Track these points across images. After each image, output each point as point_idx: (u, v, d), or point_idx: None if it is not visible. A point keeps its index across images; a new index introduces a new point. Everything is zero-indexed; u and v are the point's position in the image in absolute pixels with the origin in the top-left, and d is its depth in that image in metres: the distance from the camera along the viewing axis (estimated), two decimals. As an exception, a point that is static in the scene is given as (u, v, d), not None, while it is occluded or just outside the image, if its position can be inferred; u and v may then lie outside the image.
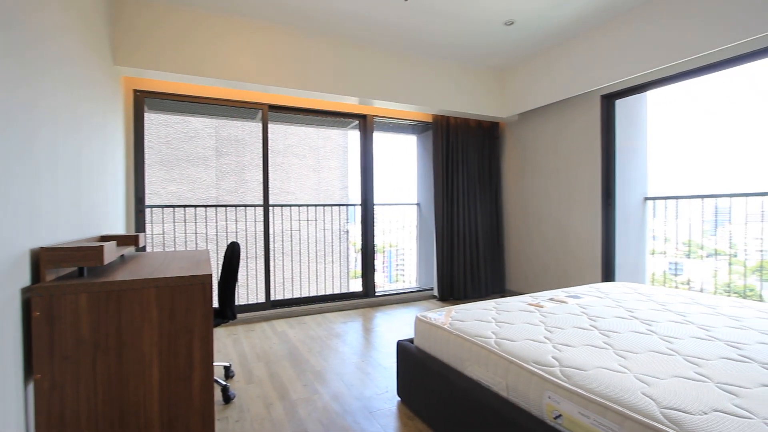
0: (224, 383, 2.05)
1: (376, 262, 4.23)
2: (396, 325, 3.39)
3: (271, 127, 7.43)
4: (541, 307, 1.97)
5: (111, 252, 1.44)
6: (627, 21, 3.05)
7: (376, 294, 4.18)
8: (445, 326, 1.75)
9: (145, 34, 2.80)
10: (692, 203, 3.46)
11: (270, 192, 7.82)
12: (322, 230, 7.53)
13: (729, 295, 3.30)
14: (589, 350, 1.40)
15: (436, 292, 4.31)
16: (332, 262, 7.75)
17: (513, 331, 1.61)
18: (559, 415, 1.19)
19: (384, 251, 7.42)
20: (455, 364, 1.63)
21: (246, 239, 4.81)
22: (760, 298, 3.30)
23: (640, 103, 3.63)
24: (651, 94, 3.58)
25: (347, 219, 7.87)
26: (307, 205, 4.72)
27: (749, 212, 3.14)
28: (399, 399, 2.01)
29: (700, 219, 3.49)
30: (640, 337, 1.52)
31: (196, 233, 6.14)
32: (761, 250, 3.22)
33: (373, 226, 4.15)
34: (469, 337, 1.61)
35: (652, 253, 3.76)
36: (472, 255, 4.38)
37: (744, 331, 1.55)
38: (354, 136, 8.66)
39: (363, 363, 2.53)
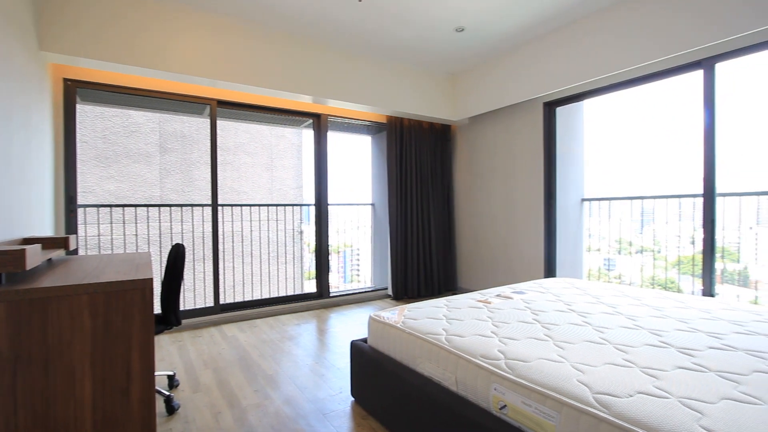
0: (167, 393, 1.94)
1: (331, 263, 4.20)
2: (351, 326, 3.38)
3: (220, 123, 7.13)
4: (489, 303, 2.06)
5: (35, 255, 1.31)
6: (567, 34, 3.27)
7: (331, 295, 4.15)
8: (398, 325, 1.78)
9: (75, 17, 2.57)
10: (623, 204, 3.78)
11: (220, 191, 7.47)
12: (276, 231, 7.34)
13: (653, 288, 3.65)
14: (531, 343, 1.48)
15: (390, 292, 4.36)
16: (286, 263, 7.58)
17: (462, 328, 1.67)
18: (504, 406, 1.25)
19: (339, 251, 7.39)
20: (408, 362, 1.67)
21: (193, 241, 4.57)
22: (679, 290, 3.66)
23: (578, 111, 3.90)
24: (587, 103, 3.86)
25: (301, 219, 7.73)
26: (260, 205, 4.57)
27: (669, 213, 3.50)
28: (353, 399, 2.02)
29: (630, 219, 3.82)
30: (576, 328, 1.63)
31: (136, 235, 5.75)
32: (678, 247, 3.58)
33: (327, 226, 4.12)
34: (421, 334, 1.65)
35: (588, 250, 4.06)
36: (425, 254, 4.48)
37: (664, 320, 1.72)
38: (308, 135, 8.53)
39: (317, 365, 2.50)
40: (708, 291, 2.68)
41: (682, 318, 1.75)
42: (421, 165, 4.49)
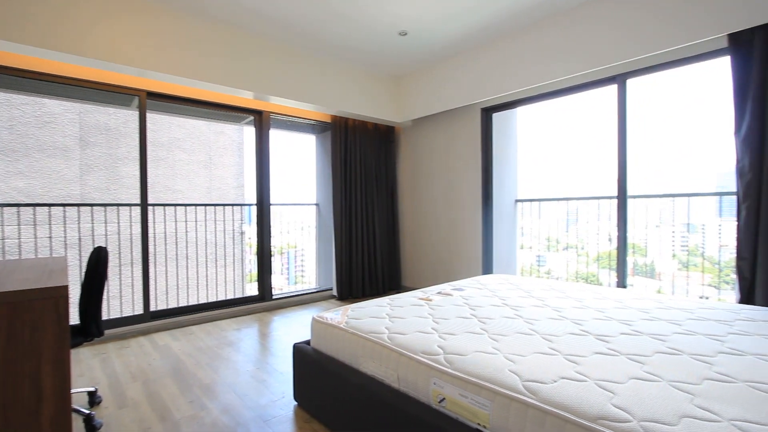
0: (87, 412, 1.77)
1: (274, 264, 4.08)
2: (294, 328, 3.32)
3: (151, 116, 6.61)
4: (430, 300, 2.13)
5: None
6: (502, 45, 3.46)
7: (274, 297, 4.03)
8: (341, 325, 1.78)
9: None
10: (552, 205, 4.09)
11: (151, 190, 6.94)
12: (214, 232, 6.97)
13: (577, 281, 3.99)
14: (469, 337, 1.56)
15: (335, 292, 4.33)
16: (225, 265, 7.23)
17: (404, 325, 1.71)
18: (443, 399, 1.30)
19: (283, 252, 7.19)
20: (351, 362, 1.67)
21: (120, 243, 4.21)
22: (599, 282, 4.04)
23: (512, 117, 4.16)
24: (520, 110, 4.13)
25: (243, 219, 7.42)
26: (197, 205, 4.33)
27: (591, 213, 3.85)
28: (296, 403, 1.98)
29: (558, 218, 4.15)
30: (509, 321, 1.74)
31: (51, 237, 5.16)
32: (598, 243, 3.95)
33: (269, 226, 3.99)
34: (363, 334, 1.66)
35: (521, 248, 4.34)
36: (370, 254, 4.51)
37: (584, 310, 1.89)
38: (250, 132, 8.20)
39: (258, 370, 2.42)
40: (621, 283, 2.99)
41: (600, 308, 1.93)
42: (366, 165, 4.52)
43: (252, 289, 4.06)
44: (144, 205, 3.24)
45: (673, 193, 3.14)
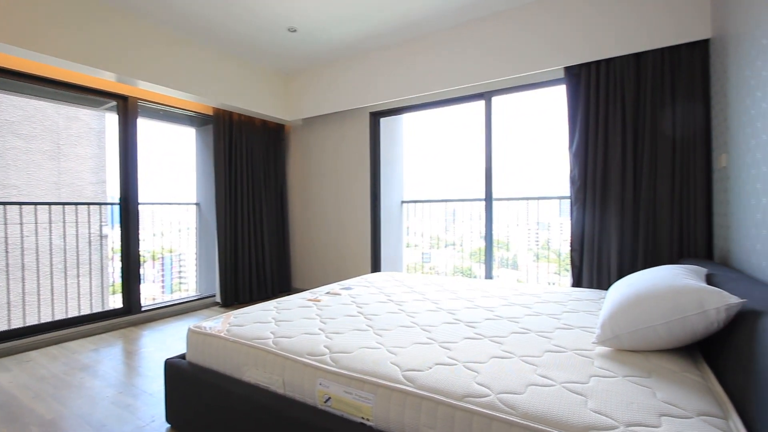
0: None
1: (146, 271, 3.60)
2: (168, 342, 2.98)
3: (-33, 92, 5.23)
4: (319, 301, 2.13)
5: None
6: (389, 53, 3.64)
7: (144, 309, 3.56)
8: (222, 334, 1.66)
9: None
10: (435, 206, 4.45)
11: (-34, 184, 5.52)
12: (64, 236, 5.83)
13: (455, 275, 4.42)
14: (355, 334, 1.60)
15: (218, 299, 4.02)
16: (80, 275, 6.10)
17: (291, 328, 1.68)
18: (329, 398, 1.32)
19: (159, 258, 6.38)
20: (233, 373, 1.58)
21: None
22: (473, 275, 4.54)
23: (399, 122, 4.41)
24: (406, 117, 4.40)
25: (104, 221, 6.37)
26: (38, 203, 3.56)
27: (465, 213, 4.30)
28: (169, 426, 1.79)
29: (440, 218, 4.53)
30: (393, 316, 1.84)
31: None
32: (471, 241, 4.44)
33: (137, 228, 3.51)
34: (247, 341, 1.58)
35: (408, 246, 4.64)
36: (258, 256, 4.30)
37: (457, 301, 2.11)
38: (113, 119, 7.08)
39: (121, 395, 2.11)
40: (489, 274, 3.41)
41: (470, 298, 2.17)
42: (253, 163, 4.29)
43: (117, 302, 3.51)
44: (-45, 204, 2.55)
45: (527, 197, 3.70)
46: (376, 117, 4.07)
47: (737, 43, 1.91)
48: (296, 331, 1.65)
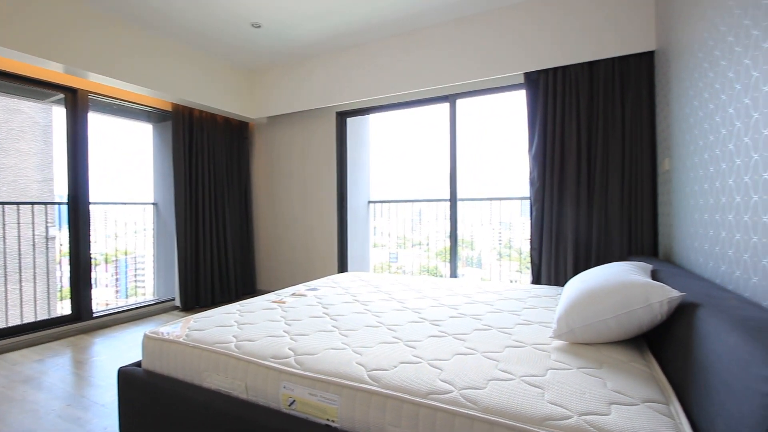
0: None
1: (100, 275, 3.39)
2: (123, 350, 2.83)
3: None
4: (284, 303, 2.09)
5: None
6: (355, 53, 3.64)
7: (95, 315, 3.36)
8: (181, 339, 1.60)
9: None
10: (402, 206, 4.49)
11: None
12: (3, 238, 5.38)
13: (421, 274, 4.48)
14: (320, 335, 1.59)
15: (178, 302, 3.86)
16: (22, 281, 5.65)
17: (254, 331, 1.64)
18: (293, 401, 1.30)
19: (114, 260, 6.02)
20: (192, 379, 1.52)
21: None
22: (439, 274, 4.62)
23: (365, 123, 4.41)
24: (372, 117, 4.41)
25: (51, 222, 5.94)
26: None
27: (431, 213, 4.37)
28: (122, 437, 1.69)
29: (406, 218, 4.57)
30: (359, 316, 1.84)
31: None
32: (437, 240, 4.52)
33: (88, 229, 3.31)
34: (207, 345, 1.53)
35: (375, 246, 4.65)
36: (221, 258, 4.17)
37: (423, 300, 2.14)
38: (61, 113, 6.62)
39: (69, 408, 1.99)
40: (454, 273, 3.48)
41: (435, 297, 2.21)
42: (216, 162, 4.16)
43: (66, 308, 3.29)
44: None
45: (491, 197, 3.82)
46: (342, 117, 4.05)
47: (678, 55, 2.06)
48: (260, 334, 1.62)
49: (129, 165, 5.56)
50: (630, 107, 2.64)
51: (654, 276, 1.77)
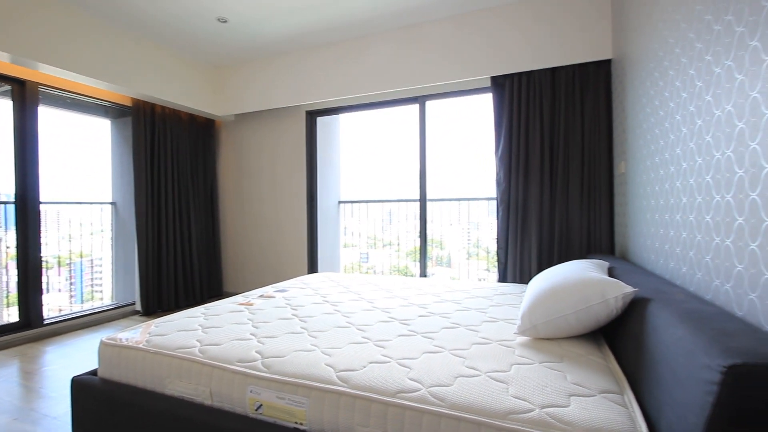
0: None
1: (52, 279, 3.19)
2: (77, 358, 2.68)
3: None
4: (251, 305, 2.05)
5: None
6: (328, 52, 3.61)
7: (46, 322, 3.16)
8: (141, 345, 1.53)
9: None
10: (373, 206, 4.50)
11: None
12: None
13: (392, 274, 4.50)
14: (289, 337, 1.57)
15: (139, 307, 3.70)
16: (-38, 286, 5.22)
17: (220, 335, 1.60)
18: (260, 405, 1.27)
19: (69, 263, 5.65)
20: (153, 386, 1.46)
21: None
22: (410, 273, 4.66)
23: (336, 122, 4.39)
24: (343, 117, 4.39)
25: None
26: None
27: (402, 213, 4.40)
28: (76, 450, 1.60)
29: (377, 218, 4.58)
30: (329, 317, 1.83)
31: None
32: (407, 240, 4.56)
33: (38, 230, 3.11)
34: (169, 351, 1.47)
35: (345, 246, 4.63)
36: (185, 259, 4.02)
37: (392, 299, 2.15)
38: (7, 106, 6.17)
39: (16, 422, 1.86)
40: (423, 273, 3.52)
41: (404, 296, 2.23)
42: (179, 160, 4.01)
43: (13, 315, 3.08)
44: None
45: (460, 198, 3.89)
46: (312, 116, 4.01)
47: (632, 64, 2.18)
48: (225, 337, 1.57)
49: (85, 162, 5.26)
50: (589, 112, 2.76)
51: (610, 273, 1.86)
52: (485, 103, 3.42)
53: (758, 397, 0.70)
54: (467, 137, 4.37)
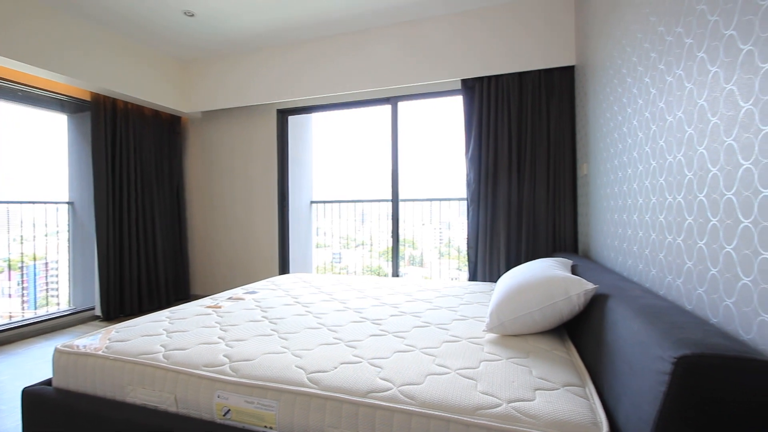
0: None
1: (1, 284, 2.98)
2: (30, 367, 2.52)
3: None
4: (220, 307, 2.00)
5: None
6: (299, 50, 3.57)
7: (-6, 330, 2.95)
8: (100, 352, 1.46)
9: None
10: (346, 206, 4.48)
11: None
12: None
13: (365, 274, 4.50)
14: (258, 340, 1.54)
15: (99, 312, 3.52)
16: None
17: (186, 339, 1.55)
18: (228, 410, 1.24)
19: (18, 267, 5.29)
20: (114, 395, 1.39)
21: None
22: (384, 273, 4.67)
23: (308, 122, 4.34)
24: (315, 116, 4.35)
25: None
26: None
27: (375, 213, 4.40)
28: (28, 465, 1.51)
29: (350, 218, 4.57)
30: (300, 318, 1.81)
31: None
32: (380, 240, 4.57)
33: (-15, 234, 2.90)
34: (131, 357, 1.41)
35: (317, 247, 4.59)
36: (149, 262, 3.87)
37: (365, 299, 2.15)
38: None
39: (-41, 437, 1.73)
40: (396, 272, 3.55)
41: (377, 296, 2.24)
42: (143, 158, 3.84)
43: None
44: None
45: (432, 198, 3.94)
46: (283, 115, 3.95)
47: (593, 70, 2.28)
48: (192, 341, 1.52)
49: (39, 159, 4.95)
50: (554, 116, 2.87)
51: (573, 271, 1.94)
52: (456, 106, 3.48)
53: (706, 386, 0.75)
54: (439, 139, 4.43)
